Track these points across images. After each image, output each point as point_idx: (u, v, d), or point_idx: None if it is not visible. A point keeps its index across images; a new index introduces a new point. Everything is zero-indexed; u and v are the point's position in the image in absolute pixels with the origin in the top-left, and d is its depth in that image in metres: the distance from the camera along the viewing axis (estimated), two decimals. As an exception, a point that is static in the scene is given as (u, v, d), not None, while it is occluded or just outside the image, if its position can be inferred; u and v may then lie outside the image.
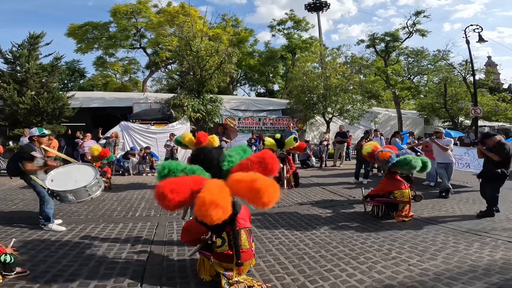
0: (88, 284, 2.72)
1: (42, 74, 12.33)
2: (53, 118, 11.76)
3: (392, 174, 5.21)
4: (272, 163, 2.72)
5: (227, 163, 2.91)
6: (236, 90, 32.35)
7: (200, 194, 2.29)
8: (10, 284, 2.60)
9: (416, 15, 19.91)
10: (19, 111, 10.90)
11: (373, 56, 22.21)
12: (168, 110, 12.70)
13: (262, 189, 2.34)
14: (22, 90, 11.42)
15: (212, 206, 2.20)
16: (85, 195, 4.61)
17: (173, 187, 2.40)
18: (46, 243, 3.71)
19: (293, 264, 3.27)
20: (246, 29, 29.09)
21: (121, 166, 10.27)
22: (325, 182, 8.71)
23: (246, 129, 14.83)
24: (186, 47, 13.68)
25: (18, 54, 11.85)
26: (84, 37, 23.94)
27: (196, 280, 2.86)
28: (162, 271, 3.07)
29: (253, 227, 4.46)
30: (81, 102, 13.27)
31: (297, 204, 6.18)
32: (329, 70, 15.74)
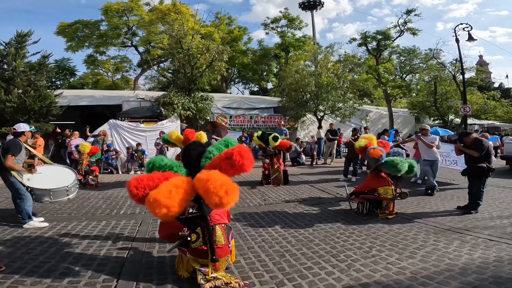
0: (63, 279, 2.70)
1: (29, 73, 12.15)
2: (40, 116, 11.58)
3: (377, 171, 5.26)
4: (240, 160, 2.51)
5: (204, 159, 2.85)
6: (230, 88, 32.32)
7: (150, 192, 2.38)
8: None
9: (407, 14, 20.07)
10: (5, 109, 10.73)
11: (365, 55, 22.32)
12: (158, 108, 12.60)
13: (211, 190, 2.28)
14: (9, 88, 11.21)
15: (155, 204, 2.27)
16: (64, 195, 4.67)
17: (137, 183, 2.51)
18: (25, 241, 3.67)
19: (273, 262, 3.27)
20: (239, 28, 29.02)
21: (110, 165, 10.16)
22: (314, 180, 8.74)
23: (237, 127, 14.82)
24: (177, 45, 13.60)
25: (5, 52, 11.64)
26: (74, 35, 23.58)
27: (174, 277, 2.85)
28: (140, 268, 3.05)
29: (237, 225, 4.48)
30: (69, 100, 13.09)
31: (284, 201, 6.20)
32: (321, 68, 15.78)
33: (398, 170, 4.90)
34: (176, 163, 2.85)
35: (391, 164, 4.93)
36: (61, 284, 2.63)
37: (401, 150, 5.80)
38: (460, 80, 18.33)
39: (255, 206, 5.81)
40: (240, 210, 5.33)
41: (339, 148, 14.18)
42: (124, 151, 10.77)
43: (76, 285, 2.63)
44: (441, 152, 8.65)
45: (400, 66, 24.88)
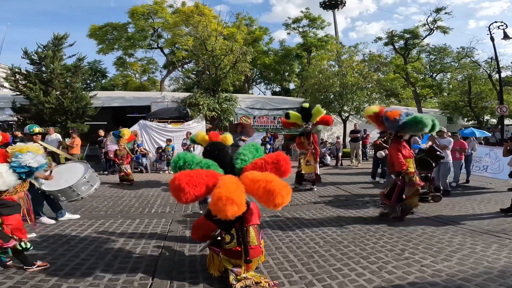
0: (103, 277, 2.83)
1: (66, 75, 12.72)
2: (77, 117, 12.19)
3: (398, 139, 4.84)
4: (285, 165, 2.79)
5: (240, 161, 2.94)
6: (252, 89, 32.48)
7: (217, 189, 2.33)
8: (30, 277, 2.75)
9: (436, 12, 19.35)
10: (44, 110, 11.37)
11: (392, 54, 21.67)
12: (184, 109, 12.93)
13: (276, 191, 2.36)
14: (48, 90, 11.84)
15: (228, 202, 2.23)
16: (74, 195, 4.64)
17: (189, 180, 2.43)
18: (67, 238, 3.90)
19: (302, 262, 3.28)
20: (260, 28, 29.06)
21: (140, 164, 10.59)
22: (340, 181, 8.62)
23: (261, 127, 14.91)
24: (201, 47, 13.86)
25: (43, 55, 12.19)
26: (104, 38, 24.60)
27: (205, 275, 2.93)
28: (173, 266, 3.16)
29: (264, 225, 4.53)
30: (103, 101, 13.72)
31: (310, 203, 6.16)
32: (345, 68, 15.48)
33: (424, 125, 4.43)
34: (212, 162, 2.87)
35: (414, 121, 4.48)
36: (102, 282, 2.76)
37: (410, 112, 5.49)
38: (496, 79, 17.30)
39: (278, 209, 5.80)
40: (266, 211, 5.36)
41: (364, 150, 13.84)
42: (153, 151, 11.15)
43: (115, 283, 2.75)
44: (474, 156, 8.25)
45: (430, 65, 23.87)
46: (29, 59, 12.31)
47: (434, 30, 20.03)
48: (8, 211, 2.90)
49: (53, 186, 4.51)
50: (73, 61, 13.76)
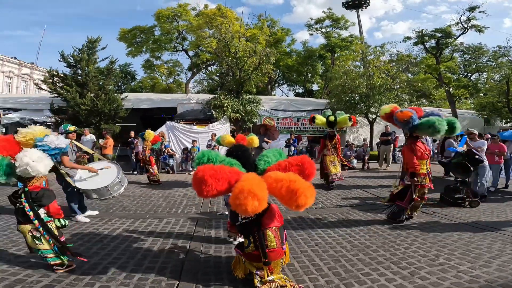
0: (133, 277, 2.92)
1: (99, 77, 13.26)
2: (109, 118, 12.69)
3: (413, 140, 4.65)
4: (309, 168, 2.76)
5: (263, 162, 2.95)
6: (274, 90, 32.42)
7: (239, 183, 2.32)
8: (66, 276, 2.88)
9: (470, 11, 18.37)
10: (80, 112, 11.94)
11: (422, 53, 20.79)
12: (209, 111, 13.12)
13: (300, 190, 2.32)
14: (83, 92, 12.39)
15: (250, 195, 2.19)
16: (107, 194, 4.83)
17: (213, 173, 2.43)
18: (100, 236, 4.07)
19: (328, 266, 3.22)
20: (282, 29, 29.00)
21: (167, 164, 10.90)
22: (367, 185, 8.37)
23: (284, 129, 14.83)
24: (224, 49, 14.00)
25: (79, 58, 12.76)
26: (133, 41, 25.61)
27: (230, 277, 2.95)
28: (198, 267, 3.21)
29: (289, 227, 4.49)
30: (132, 103, 14.24)
31: (336, 206, 6.03)
32: (372, 68, 15.01)
33: (436, 130, 4.23)
34: (235, 161, 2.88)
35: (427, 125, 4.30)
36: (131, 281, 2.83)
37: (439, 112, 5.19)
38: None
39: (305, 209, 5.72)
40: (291, 213, 5.32)
41: (394, 153, 13.35)
42: (179, 151, 11.42)
43: (144, 282, 2.82)
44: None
45: (464, 65, 22.63)
46: (66, 62, 12.88)
47: (468, 29, 19.07)
48: (48, 200, 3.04)
49: (88, 185, 4.71)
50: (105, 64, 14.24)
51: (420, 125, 4.41)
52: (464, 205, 5.73)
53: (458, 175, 6.00)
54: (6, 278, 2.76)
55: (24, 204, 2.89)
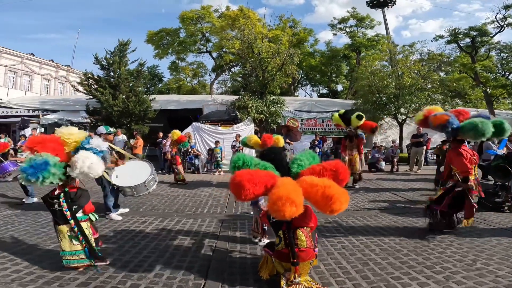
0: (162, 275, 3.00)
1: (130, 79, 13.78)
2: (139, 119, 13.21)
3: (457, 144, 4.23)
4: (344, 173, 2.82)
5: (296, 166, 2.98)
6: (297, 91, 32.26)
7: (276, 189, 2.37)
8: (100, 273, 2.98)
9: (505, 9, 17.49)
10: (113, 113, 12.51)
11: (456, 52, 19.97)
12: (234, 112, 13.24)
13: (335, 196, 2.36)
14: (115, 94, 12.96)
15: (288, 201, 2.25)
16: (144, 190, 5.08)
17: (250, 178, 2.51)
18: (132, 234, 4.21)
19: (355, 269, 3.15)
20: (305, 29, 28.82)
21: (192, 164, 11.15)
22: (397, 188, 8.09)
23: (309, 130, 14.66)
24: (248, 50, 14.06)
25: (111, 60, 13.37)
26: (160, 43, 26.46)
27: (256, 278, 2.96)
28: (224, 267, 3.24)
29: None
30: (160, 104, 14.72)
31: (364, 209, 5.87)
32: (401, 68, 14.46)
33: (479, 133, 3.83)
34: (269, 164, 2.92)
35: (469, 127, 3.93)
36: (161, 280, 2.90)
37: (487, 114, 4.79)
38: None
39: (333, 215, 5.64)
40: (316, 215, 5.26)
41: (426, 155, 12.79)
42: (205, 152, 11.64)
43: (173, 281, 2.88)
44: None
45: (501, 64, 21.31)
46: (100, 65, 13.55)
47: (505, 27, 18.21)
48: (85, 200, 3.17)
49: (125, 182, 4.95)
50: (135, 66, 14.78)
51: (462, 128, 4.06)
52: (504, 210, 5.39)
53: (498, 179, 5.65)
54: (44, 275, 2.90)
55: (62, 204, 2.99)
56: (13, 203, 5.95)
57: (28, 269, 3.02)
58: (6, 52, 25.61)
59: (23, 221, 4.69)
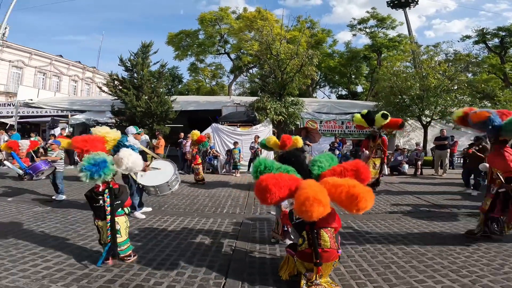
0: (183, 274, 3.07)
1: (152, 80, 14.05)
2: (161, 119, 13.48)
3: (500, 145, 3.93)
4: (365, 173, 2.86)
5: (317, 168, 3.02)
6: (316, 92, 31.93)
7: (303, 191, 2.41)
8: (126, 271, 3.10)
9: None
10: (136, 114, 12.84)
11: (484, 53, 19.23)
12: (252, 113, 13.28)
13: (361, 195, 2.39)
14: (139, 95, 13.27)
15: (315, 202, 2.30)
16: (167, 189, 5.32)
17: (276, 181, 2.57)
18: (155, 233, 4.32)
19: (377, 272, 3.12)
20: (323, 30, 28.52)
21: (212, 165, 11.30)
22: (421, 191, 7.86)
23: (328, 132, 14.44)
24: (266, 51, 14.07)
25: (135, 62, 13.69)
26: (179, 44, 26.93)
27: (275, 278, 2.98)
28: (244, 267, 3.28)
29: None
30: (181, 105, 14.98)
31: (385, 212, 5.74)
32: (425, 69, 14.01)
33: None
34: (291, 168, 2.95)
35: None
36: (182, 278, 2.97)
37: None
38: None
39: (351, 214, 5.55)
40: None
41: (452, 158, 12.32)
42: (224, 153, 11.76)
43: (194, 280, 2.95)
44: None
45: None
46: (124, 66, 13.94)
47: None
48: (126, 196, 3.39)
49: (150, 182, 5.18)
50: (156, 68, 15.01)
51: (504, 126, 3.77)
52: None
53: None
54: (74, 272, 3.02)
55: (106, 199, 3.19)
56: (43, 200, 6.27)
57: (58, 265, 3.15)
58: (36, 53, 26.99)
59: (53, 218, 4.92)
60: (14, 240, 3.82)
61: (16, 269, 3.03)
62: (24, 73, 25.94)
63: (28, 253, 3.45)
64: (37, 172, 6.11)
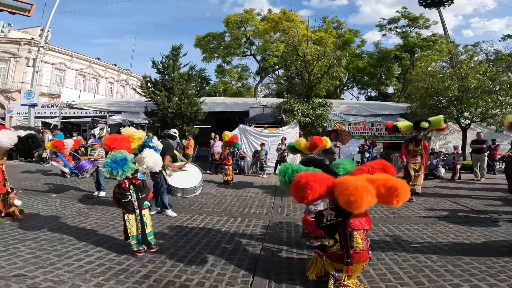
0: (213, 271, 3.15)
1: (182, 82, 14.48)
2: (190, 121, 13.92)
3: None
4: (392, 170, 2.89)
5: (342, 169, 3.08)
6: (343, 94, 31.27)
7: (349, 182, 2.44)
8: (159, 267, 3.21)
9: None
10: (168, 115, 13.34)
11: None
12: (279, 115, 13.29)
13: (398, 186, 2.42)
14: (170, 96, 13.76)
15: (364, 191, 2.34)
16: (192, 193, 5.68)
17: (315, 178, 2.60)
18: (185, 231, 4.45)
19: (408, 275, 3.04)
20: (350, 30, 27.91)
21: (239, 166, 11.47)
22: (458, 195, 7.49)
23: (357, 134, 14.05)
24: (293, 53, 14.02)
25: (166, 64, 14.26)
26: (207, 47, 27.53)
27: (302, 278, 2.99)
28: (271, 267, 3.31)
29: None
30: (209, 107, 15.35)
31: (419, 217, 5.52)
32: (464, 69, 13.28)
33: None
34: (318, 169, 2.99)
35: None
36: (212, 275, 3.05)
37: None
38: None
39: (381, 218, 5.42)
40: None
41: (492, 163, 11.59)
42: (251, 154, 11.88)
43: (223, 277, 3.02)
44: None
45: None
46: (156, 68, 14.56)
47: None
48: (148, 190, 3.70)
49: (179, 184, 5.44)
50: (185, 70, 15.41)
51: None
52: None
53: None
54: (113, 267, 3.17)
55: (132, 195, 3.47)
56: (85, 196, 6.72)
57: (99, 260, 3.33)
58: (76, 56, 28.84)
59: (94, 214, 5.24)
60: (59, 235, 4.05)
61: (61, 263, 3.19)
62: (66, 75, 27.70)
63: (72, 247, 3.65)
64: (82, 171, 6.55)
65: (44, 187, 7.56)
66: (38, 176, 9.32)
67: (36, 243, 3.72)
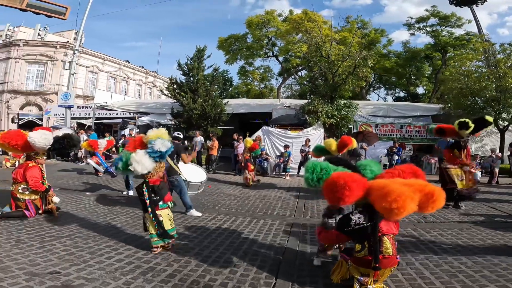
0: (236, 272, 3.16)
1: (206, 84, 14.78)
2: (214, 122, 14.16)
3: None
4: (423, 175, 2.78)
5: (369, 171, 2.94)
6: (369, 94, 30.47)
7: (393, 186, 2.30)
8: (184, 266, 3.25)
9: None
10: (193, 116, 13.66)
11: None
12: (303, 116, 13.17)
13: (436, 192, 2.31)
14: (195, 98, 14.08)
15: (408, 198, 2.23)
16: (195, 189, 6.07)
17: (352, 179, 2.44)
18: (210, 231, 4.49)
19: (441, 281, 2.93)
20: (375, 30, 27.15)
21: (262, 167, 11.49)
22: (496, 200, 7.12)
23: (384, 136, 13.53)
24: (316, 53, 13.84)
25: (191, 66, 14.61)
26: (229, 48, 27.87)
27: (325, 281, 2.94)
28: (294, 269, 3.29)
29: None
30: (233, 108, 15.52)
31: (453, 222, 5.28)
32: (501, 68, 12.51)
33: None
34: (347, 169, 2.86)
35: None
36: (235, 276, 3.07)
37: None
38: None
39: (411, 222, 5.21)
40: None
41: None
42: (274, 155, 11.87)
43: (246, 278, 3.03)
44: None
45: None
46: (181, 70, 14.93)
47: None
48: (165, 192, 3.75)
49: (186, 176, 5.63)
50: (209, 72, 15.73)
51: None
52: None
53: None
54: (141, 265, 3.22)
55: (144, 193, 3.59)
56: (115, 195, 7.00)
57: (128, 258, 3.41)
58: (108, 59, 30.28)
59: (124, 213, 5.42)
60: (91, 233, 4.17)
61: (93, 261, 3.26)
62: (98, 77, 29.14)
63: (104, 245, 3.73)
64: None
65: (79, 186, 7.93)
66: (73, 175, 9.82)
67: (71, 240, 3.84)
